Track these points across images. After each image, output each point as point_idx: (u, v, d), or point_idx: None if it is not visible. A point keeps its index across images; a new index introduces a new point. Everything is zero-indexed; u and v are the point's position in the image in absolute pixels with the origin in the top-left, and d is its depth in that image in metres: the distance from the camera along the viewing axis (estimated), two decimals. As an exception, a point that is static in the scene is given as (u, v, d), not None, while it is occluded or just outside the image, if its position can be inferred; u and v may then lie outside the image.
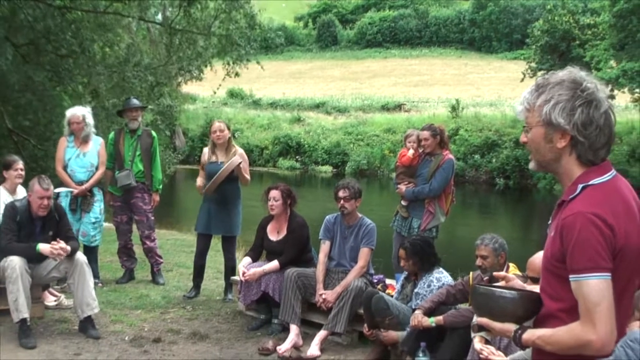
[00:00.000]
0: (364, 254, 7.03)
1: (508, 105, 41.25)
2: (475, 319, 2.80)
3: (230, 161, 8.05)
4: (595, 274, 2.38)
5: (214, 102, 52.10)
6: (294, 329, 6.87)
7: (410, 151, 7.89)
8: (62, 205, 7.70)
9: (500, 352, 3.78)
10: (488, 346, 3.48)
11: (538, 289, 2.69)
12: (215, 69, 18.14)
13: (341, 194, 7.06)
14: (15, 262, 6.54)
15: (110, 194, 9.07)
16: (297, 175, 39.92)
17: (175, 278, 9.49)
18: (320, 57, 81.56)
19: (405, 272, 6.59)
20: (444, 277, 6.29)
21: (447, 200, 7.85)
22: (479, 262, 5.79)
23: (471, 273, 6.05)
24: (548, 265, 2.58)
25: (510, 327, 2.64)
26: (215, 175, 8.03)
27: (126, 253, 9.20)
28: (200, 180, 8.42)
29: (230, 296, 8.37)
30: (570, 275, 2.44)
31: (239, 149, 8.49)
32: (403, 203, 7.93)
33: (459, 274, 7.10)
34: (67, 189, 8.43)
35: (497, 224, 25.03)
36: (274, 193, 7.39)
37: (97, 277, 8.44)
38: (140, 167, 8.96)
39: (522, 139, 2.68)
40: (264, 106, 53.08)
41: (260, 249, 7.65)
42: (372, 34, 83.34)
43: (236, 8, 16.51)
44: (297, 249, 7.38)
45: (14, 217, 6.79)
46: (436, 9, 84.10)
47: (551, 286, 2.58)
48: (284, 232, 7.48)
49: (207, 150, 8.51)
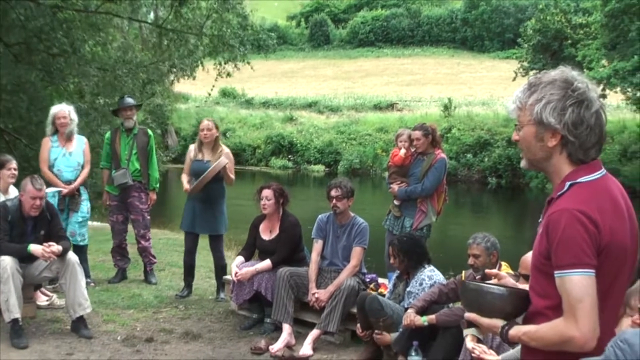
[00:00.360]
0: (357, 253, 7.04)
1: (500, 105, 41.24)
2: (465, 315, 2.81)
3: (218, 162, 8.05)
4: (579, 270, 2.39)
5: (206, 101, 51.89)
6: (286, 328, 6.87)
7: (403, 151, 7.90)
8: (55, 205, 7.69)
9: (492, 351, 3.78)
10: (480, 345, 3.48)
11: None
12: (207, 69, 18.12)
13: (333, 193, 7.07)
14: (6, 262, 6.53)
15: (107, 194, 9.07)
16: (289, 175, 39.87)
17: (167, 277, 9.48)
18: (312, 56, 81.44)
19: (398, 271, 6.60)
20: (435, 275, 6.30)
21: (439, 199, 7.86)
22: (471, 261, 5.80)
23: (463, 272, 6.06)
24: (536, 262, 2.60)
25: (498, 323, 2.66)
26: (202, 175, 8.04)
27: (120, 253, 9.19)
28: (186, 179, 8.42)
29: (223, 295, 8.36)
30: (555, 272, 2.45)
31: (225, 149, 8.51)
32: (395, 202, 7.95)
33: (452, 273, 7.12)
34: (54, 189, 8.37)
35: (490, 223, 25.06)
36: (267, 192, 7.39)
37: (88, 277, 8.42)
38: (137, 165, 8.95)
39: (514, 137, 2.70)
40: (257, 105, 52.96)
41: (252, 248, 7.65)
42: (364, 33, 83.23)
43: (228, 8, 16.48)
44: (290, 248, 7.39)
45: (5, 216, 6.78)
46: (428, 8, 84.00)
47: (539, 284, 2.59)
48: (276, 232, 7.48)
49: (193, 147, 8.51)
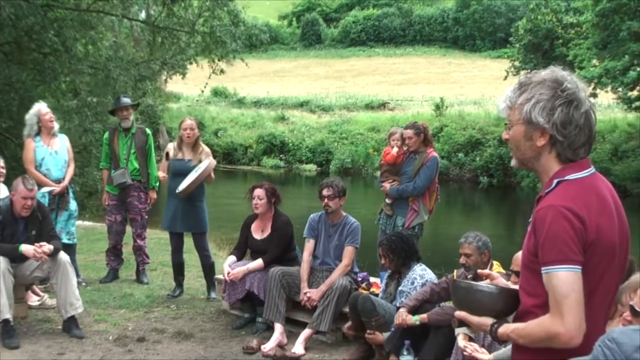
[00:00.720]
0: (349, 252, 7.05)
1: (492, 104, 41.26)
2: (455, 314, 2.82)
3: (208, 164, 8.08)
4: (565, 266, 2.41)
5: (197, 100, 51.85)
6: (278, 327, 6.87)
7: (395, 149, 7.91)
8: (45, 205, 7.67)
9: (484, 350, 3.79)
10: (472, 343, 3.50)
11: None
12: (201, 65, 18.12)
13: (325, 192, 7.07)
14: (-3, 262, 6.51)
15: (107, 194, 9.08)
16: (281, 174, 39.85)
17: (159, 277, 9.47)
18: (304, 55, 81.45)
19: (389, 270, 6.60)
20: (427, 274, 6.31)
21: (431, 198, 7.89)
22: (462, 260, 5.81)
23: (455, 271, 6.07)
24: (525, 260, 2.61)
25: (487, 321, 2.67)
26: (186, 174, 8.11)
27: (115, 253, 9.18)
28: (162, 172, 8.44)
29: (214, 295, 8.36)
30: (541, 268, 2.46)
31: (206, 148, 8.54)
32: (387, 201, 7.96)
33: (443, 272, 7.13)
34: (45, 189, 8.31)
35: (481, 222, 25.12)
36: (258, 192, 7.39)
37: (78, 276, 8.41)
38: (136, 165, 8.96)
39: (504, 135, 2.72)
40: (248, 105, 52.90)
41: (244, 247, 7.65)
42: (356, 33, 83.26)
43: (220, 6, 16.47)
44: (282, 248, 7.39)
45: (-3, 216, 6.76)
46: (420, 8, 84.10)
47: (528, 282, 2.61)
48: (268, 231, 7.48)
49: (172, 146, 8.50)
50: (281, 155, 42.67)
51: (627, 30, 28.23)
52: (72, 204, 8.60)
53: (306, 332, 6.78)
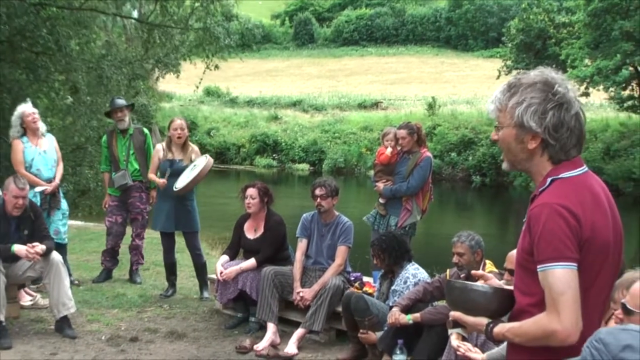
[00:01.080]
0: (341, 252, 7.04)
1: (484, 103, 41.29)
2: (450, 314, 2.82)
3: (207, 162, 8.07)
4: (561, 264, 2.40)
5: (190, 100, 51.90)
6: (271, 327, 6.87)
7: (389, 149, 7.92)
8: (37, 204, 7.64)
9: (477, 349, 3.80)
10: (465, 343, 3.50)
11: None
12: (194, 63, 18.13)
13: (318, 192, 7.07)
14: (-11, 262, 6.50)
15: (108, 196, 9.08)
16: (274, 174, 39.86)
17: (152, 277, 9.46)
18: (297, 55, 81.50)
19: (382, 270, 6.61)
20: (420, 273, 6.32)
21: (424, 198, 7.89)
22: (455, 259, 5.81)
23: (448, 270, 6.07)
24: (520, 259, 2.61)
25: (483, 321, 2.67)
26: (180, 174, 8.11)
27: (111, 254, 9.15)
28: (155, 177, 8.44)
29: (207, 294, 8.35)
30: (537, 266, 2.46)
31: (195, 147, 8.56)
32: (381, 201, 7.97)
33: (436, 271, 7.14)
34: (37, 189, 8.27)
35: (474, 221, 25.16)
36: (251, 191, 7.39)
37: (69, 275, 8.38)
38: (136, 165, 8.94)
39: (493, 136, 2.71)
40: (241, 104, 52.92)
41: (237, 247, 7.64)
42: (348, 32, 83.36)
43: (212, 1, 16.47)
44: (274, 247, 7.39)
45: (-11, 216, 6.74)
46: (413, 7, 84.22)
47: (523, 281, 2.61)
48: (261, 230, 7.48)
49: (161, 147, 8.48)
50: (274, 155, 42.69)
51: (619, 29, 28.36)
52: (62, 203, 8.57)
53: (299, 331, 6.78)
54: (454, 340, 3.16)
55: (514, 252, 4.58)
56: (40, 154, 8.39)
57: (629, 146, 30.30)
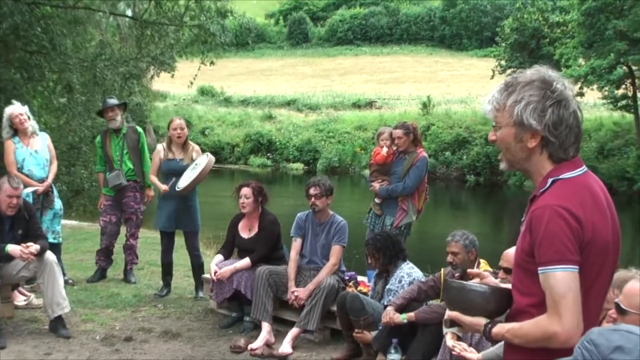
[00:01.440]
0: (336, 251, 7.05)
1: (478, 103, 41.34)
2: (447, 314, 2.82)
3: (208, 161, 8.10)
4: (562, 266, 2.40)
5: (184, 99, 51.82)
6: (265, 326, 6.87)
7: (384, 149, 7.91)
8: (31, 204, 7.62)
9: (472, 349, 3.80)
10: (460, 342, 3.50)
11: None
12: (190, 60, 18.11)
13: (312, 191, 7.07)
14: (-17, 263, 6.48)
15: (103, 196, 9.06)
16: (268, 173, 39.82)
17: (146, 276, 9.44)
18: (291, 54, 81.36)
19: (376, 269, 6.61)
20: (414, 272, 6.32)
21: (420, 198, 7.89)
22: (449, 258, 5.82)
23: (442, 269, 6.08)
24: (519, 260, 2.60)
25: (481, 321, 2.66)
26: (182, 173, 8.11)
27: (106, 254, 9.13)
28: (157, 180, 8.44)
29: (202, 294, 8.35)
30: (538, 268, 2.46)
31: (196, 146, 8.58)
32: (377, 201, 7.97)
33: (430, 271, 7.15)
34: (30, 189, 8.24)
35: (468, 220, 25.19)
36: (245, 190, 7.39)
37: (63, 275, 8.36)
38: (130, 165, 8.92)
39: (491, 137, 2.69)
40: (235, 103, 52.82)
41: (231, 246, 7.65)
42: (342, 32, 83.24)
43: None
44: (269, 247, 7.39)
45: (-18, 216, 6.73)
46: (407, 7, 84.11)
47: (521, 282, 2.59)
48: (255, 230, 7.48)
49: (161, 147, 8.48)
50: (268, 154, 42.65)
51: (612, 29, 28.42)
52: (57, 202, 8.54)
53: (294, 331, 6.78)
54: (449, 340, 3.16)
55: (509, 251, 4.61)
56: (32, 154, 8.33)
57: (623, 145, 30.40)
